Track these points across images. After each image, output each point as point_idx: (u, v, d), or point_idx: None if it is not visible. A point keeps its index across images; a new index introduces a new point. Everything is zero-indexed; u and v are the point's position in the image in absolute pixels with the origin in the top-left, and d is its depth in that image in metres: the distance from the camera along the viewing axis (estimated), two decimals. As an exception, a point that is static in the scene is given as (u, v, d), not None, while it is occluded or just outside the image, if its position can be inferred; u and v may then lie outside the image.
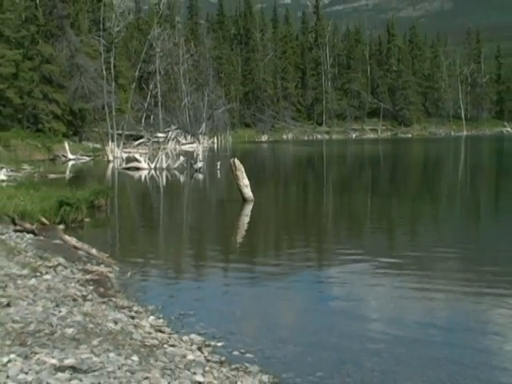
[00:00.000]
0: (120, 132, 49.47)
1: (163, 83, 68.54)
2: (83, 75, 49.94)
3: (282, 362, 6.34)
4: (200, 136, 66.51)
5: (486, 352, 6.83)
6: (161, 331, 6.92)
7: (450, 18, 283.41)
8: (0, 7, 45.53)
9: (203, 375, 5.37)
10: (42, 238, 12.08)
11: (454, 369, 6.26)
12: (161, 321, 7.47)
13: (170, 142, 59.20)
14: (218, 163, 34.37)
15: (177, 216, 19.26)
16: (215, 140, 73.57)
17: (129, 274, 10.10)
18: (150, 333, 6.71)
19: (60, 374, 4.62)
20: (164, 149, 51.64)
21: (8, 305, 6.63)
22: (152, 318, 7.56)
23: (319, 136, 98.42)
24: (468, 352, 6.76)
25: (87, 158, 44.83)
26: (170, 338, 6.67)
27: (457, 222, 17.06)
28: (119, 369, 5.00)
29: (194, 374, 5.36)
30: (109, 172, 36.08)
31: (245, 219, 17.22)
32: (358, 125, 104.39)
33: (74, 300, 7.58)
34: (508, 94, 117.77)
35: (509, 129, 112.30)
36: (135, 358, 5.44)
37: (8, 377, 4.43)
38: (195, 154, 38.53)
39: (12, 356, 4.89)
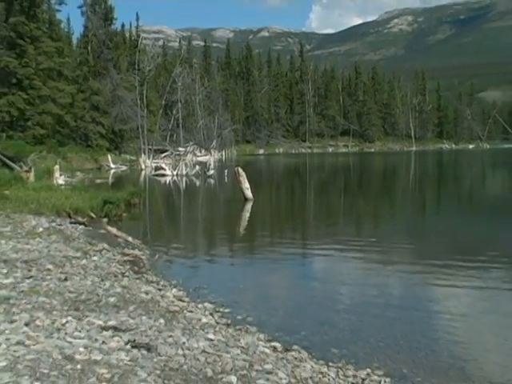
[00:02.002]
0: (150, 147, 49.34)
1: (183, 109, 68.19)
2: (122, 104, 49.76)
3: (275, 324, 6.34)
4: (211, 150, 66.32)
5: (430, 315, 6.85)
6: (181, 300, 6.91)
7: (403, 61, 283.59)
8: (61, 53, 45.69)
9: (214, 334, 5.37)
10: (90, 228, 12.07)
11: (406, 328, 6.29)
12: (181, 292, 7.45)
13: (188, 155, 58.92)
14: (226, 171, 34.24)
15: (194, 211, 19.22)
16: (223, 153, 73.27)
17: (157, 256, 10.08)
18: (173, 301, 6.70)
19: (105, 332, 4.63)
20: (184, 160, 51.41)
21: (65, 279, 6.64)
22: (174, 290, 7.54)
23: (303, 150, 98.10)
24: (416, 316, 6.78)
25: (125, 167, 44.61)
26: (188, 305, 6.66)
27: (409, 215, 17.06)
28: (150, 329, 5.00)
29: (207, 333, 5.36)
30: (141, 178, 35.97)
31: (246, 214, 17.18)
32: (333, 141, 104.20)
33: (115, 276, 7.57)
34: (446, 119, 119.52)
35: (447, 145, 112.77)
36: (162, 320, 5.44)
37: (66, 333, 4.48)
38: (208, 164, 38.39)
39: (69, 318, 4.91)
